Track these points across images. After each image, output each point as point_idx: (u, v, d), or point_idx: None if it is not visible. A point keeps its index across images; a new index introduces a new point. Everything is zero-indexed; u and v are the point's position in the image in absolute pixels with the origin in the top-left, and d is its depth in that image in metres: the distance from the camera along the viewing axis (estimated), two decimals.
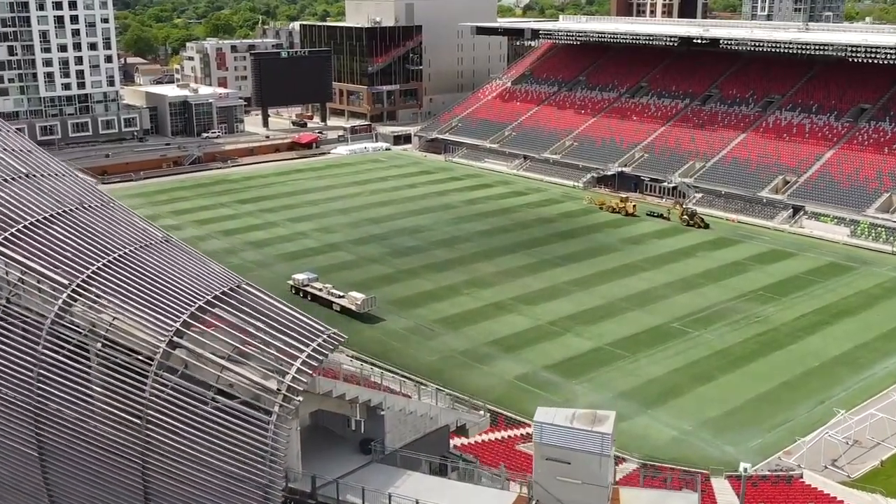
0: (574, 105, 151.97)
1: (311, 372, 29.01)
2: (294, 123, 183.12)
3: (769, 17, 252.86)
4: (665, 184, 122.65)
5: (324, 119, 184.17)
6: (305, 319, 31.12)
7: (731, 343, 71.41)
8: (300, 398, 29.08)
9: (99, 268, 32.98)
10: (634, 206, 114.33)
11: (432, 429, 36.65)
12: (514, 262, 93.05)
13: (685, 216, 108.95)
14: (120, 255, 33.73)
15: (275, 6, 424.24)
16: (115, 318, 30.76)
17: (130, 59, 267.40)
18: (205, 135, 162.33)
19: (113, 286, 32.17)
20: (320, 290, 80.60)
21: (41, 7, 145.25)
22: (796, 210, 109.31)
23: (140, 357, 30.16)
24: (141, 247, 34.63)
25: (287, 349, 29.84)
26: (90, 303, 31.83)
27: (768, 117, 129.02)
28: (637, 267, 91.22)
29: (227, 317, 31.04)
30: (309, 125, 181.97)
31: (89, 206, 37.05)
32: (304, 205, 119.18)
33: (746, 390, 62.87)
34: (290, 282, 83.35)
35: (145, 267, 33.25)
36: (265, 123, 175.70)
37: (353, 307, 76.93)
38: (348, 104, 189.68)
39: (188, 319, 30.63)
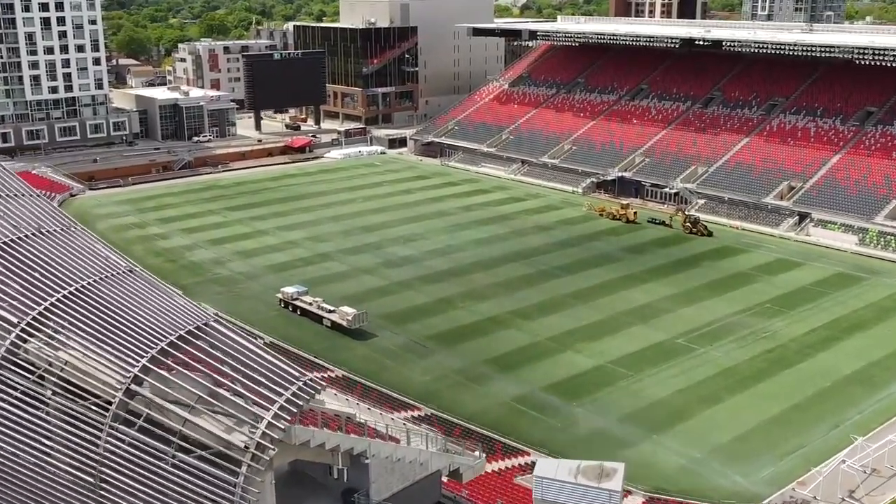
0: (573, 108, 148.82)
1: (283, 427, 25.92)
2: (287, 126, 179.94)
3: (769, 17, 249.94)
4: (666, 189, 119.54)
5: (318, 122, 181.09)
6: (279, 364, 28.12)
7: (738, 361, 68.33)
8: (272, 453, 26.04)
9: (53, 303, 30.03)
10: (636, 212, 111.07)
11: (423, 475, 33.60)
12: (511, 272, 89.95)
13: (687, 223, 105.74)
14: (77, 289, 30.78)
15: (271, 6, 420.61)
16: (66, 363, 27.71)
17: (123, 61, 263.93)
18: (195, 139, 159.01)
19: (68, 325, 29.14)
20: (310, 304, 77.43)
21: (27, 8, 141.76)
22: (802, 217, 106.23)
23: (94, 407, 27.11)
24: (101, 278, 31.68)
25: (258, 399, 26.82)
26: (42, 344, 28.79)
27: (772, 120, 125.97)
28: (639, 278, 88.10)
29: (193, 360, 27.99)
30: (302, 128, 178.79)
31: (47, 231, 34.10)
32: (296, 212, 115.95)
33: (756, 413, 59.81)
34: (279, 295, 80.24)
35: (105, 302, 30.25)
36: (258, 127, 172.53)
37: (344, 323, 73.79)
38: (343, 106, 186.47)
39: (148, 364, 27.62)
